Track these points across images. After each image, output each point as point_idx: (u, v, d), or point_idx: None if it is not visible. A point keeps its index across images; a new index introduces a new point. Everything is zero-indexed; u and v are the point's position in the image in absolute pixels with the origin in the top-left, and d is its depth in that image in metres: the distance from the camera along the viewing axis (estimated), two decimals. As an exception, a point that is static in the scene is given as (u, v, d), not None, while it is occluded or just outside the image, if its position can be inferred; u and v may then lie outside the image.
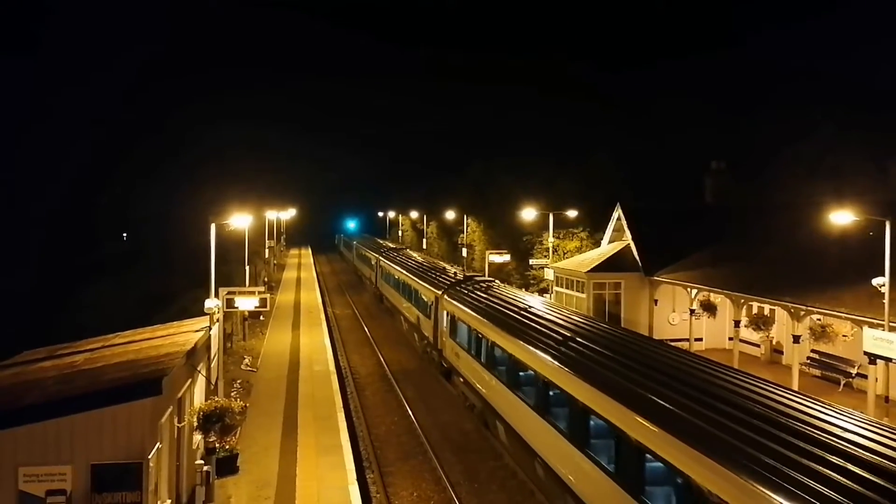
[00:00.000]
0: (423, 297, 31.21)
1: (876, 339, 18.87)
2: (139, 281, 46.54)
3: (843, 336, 22.16)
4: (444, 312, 26.50)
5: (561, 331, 17.13)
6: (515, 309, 20.85)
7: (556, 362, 14.93)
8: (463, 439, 20.86)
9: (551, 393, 14.85)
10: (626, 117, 65.82)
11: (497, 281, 30.82)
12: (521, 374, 17.12)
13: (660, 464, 10.32)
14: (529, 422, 16.10)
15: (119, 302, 39.36)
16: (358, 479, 16.59)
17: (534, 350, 16.37)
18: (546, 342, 16.41)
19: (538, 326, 18.08)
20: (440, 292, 27.78)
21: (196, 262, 32.54)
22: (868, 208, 21.71)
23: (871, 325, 19.44)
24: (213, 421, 14.60)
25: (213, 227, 19.70)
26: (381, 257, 50.20)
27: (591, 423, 12.80)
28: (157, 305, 36.01)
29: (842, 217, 20.59)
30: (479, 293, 25.01)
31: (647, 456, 10.73)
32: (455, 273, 33.56)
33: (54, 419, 11.29)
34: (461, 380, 23.60)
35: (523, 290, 39.21)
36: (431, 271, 35.01)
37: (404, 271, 38.38)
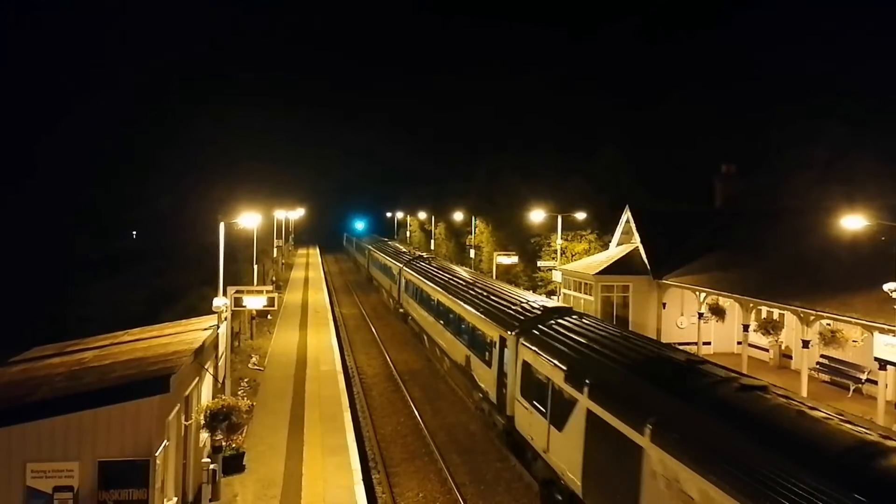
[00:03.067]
0: (393, 270, 44.55)
1: (886, 345, 18.73)
2: (148, 278, 46.73)
3: (853, 341, 22.02)
4: (403, 278, 39.29)
5: (449, 278, 30.30)
6: (433, 270, 34.94)
7: (443, 290, 28.23)
8: (469, 441, 20.84)
9: (441, 308, 27.79)
10: (633, 118, 65.63)
11: (436, 257, 46.30)
12: (431, 302, 29.73)
13: (473, 326, 22.54)
14: (432, 324, 29.50)
15: (128, 298, 39.51)
16: (364, 479, 16.58)
17: (434, 287, 29.98)
18: (441, 283, 29.53)
19: (439, 278, 30.94)
20: (402, 265, 40.64)
21: (205, 259, 32.65)
22: (879, 213, 21.54)
23: (882, 331, 19.29)
24: (220, 419, 14.63)
25: (221, 225, 19.72)
26: (371, 247, 63.75)
27: (451, 316, 25.79)
28: (166, 302, 36.16)
29: (853, 222, 20.41)
30: (422, 264, 38.60)
31: (470, 324, 22.86)
32: (414, 253, 49.20)
33: (62, 415, 11.34)
34: (411, 317, 36.58)
35: (526, 289, 39.17)
36: (401, 253, 49.47)
37: (384, 255, 52.46)
